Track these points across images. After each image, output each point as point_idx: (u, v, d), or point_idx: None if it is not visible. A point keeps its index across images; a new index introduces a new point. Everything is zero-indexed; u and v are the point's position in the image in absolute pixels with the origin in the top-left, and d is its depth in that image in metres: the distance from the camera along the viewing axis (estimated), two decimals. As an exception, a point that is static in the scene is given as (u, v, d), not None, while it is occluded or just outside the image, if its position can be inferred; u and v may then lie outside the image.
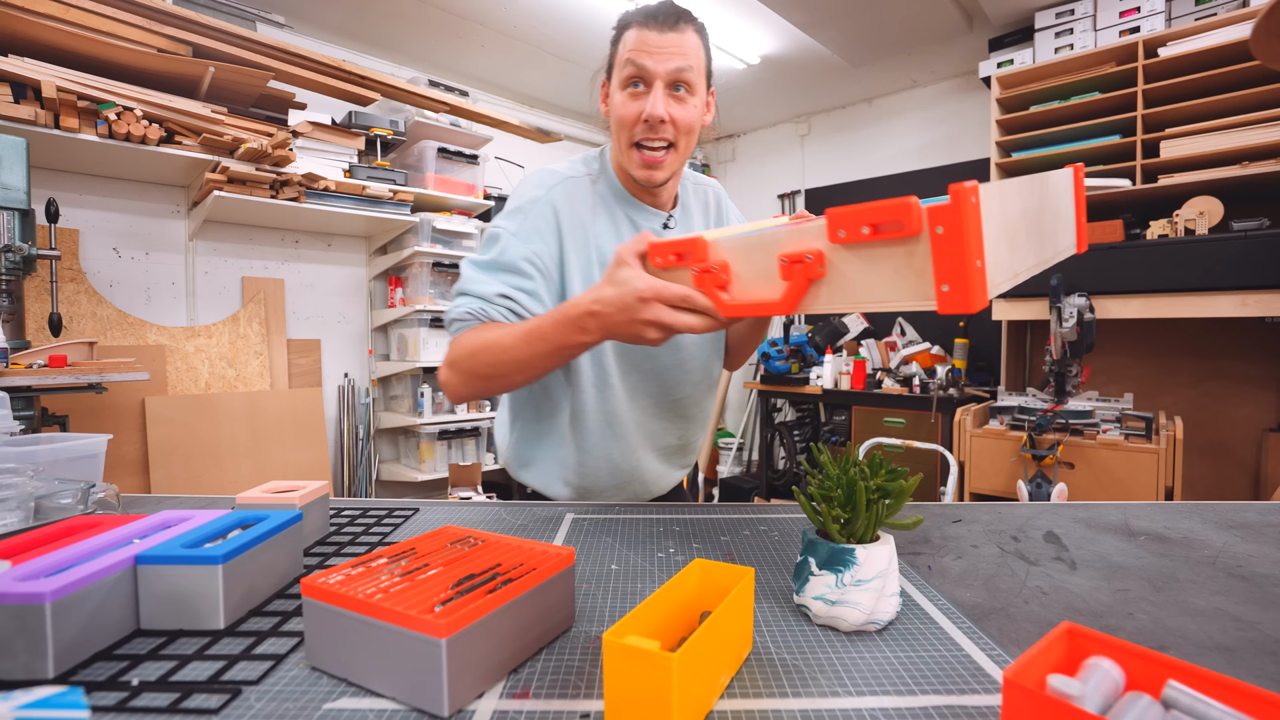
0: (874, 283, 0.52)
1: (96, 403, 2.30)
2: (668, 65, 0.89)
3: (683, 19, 0.91)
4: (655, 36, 0.89)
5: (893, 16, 3.05)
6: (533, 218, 0.93)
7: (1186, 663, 0.36)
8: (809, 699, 0.44)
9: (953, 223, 0.46)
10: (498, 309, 0.87)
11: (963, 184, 0.46)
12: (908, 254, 0.50)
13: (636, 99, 0.90)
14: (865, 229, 0.51)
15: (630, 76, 0.90)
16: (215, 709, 0.42)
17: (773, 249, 0.58)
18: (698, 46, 0.92)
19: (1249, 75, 2.42)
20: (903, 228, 0.48)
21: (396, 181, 2.88)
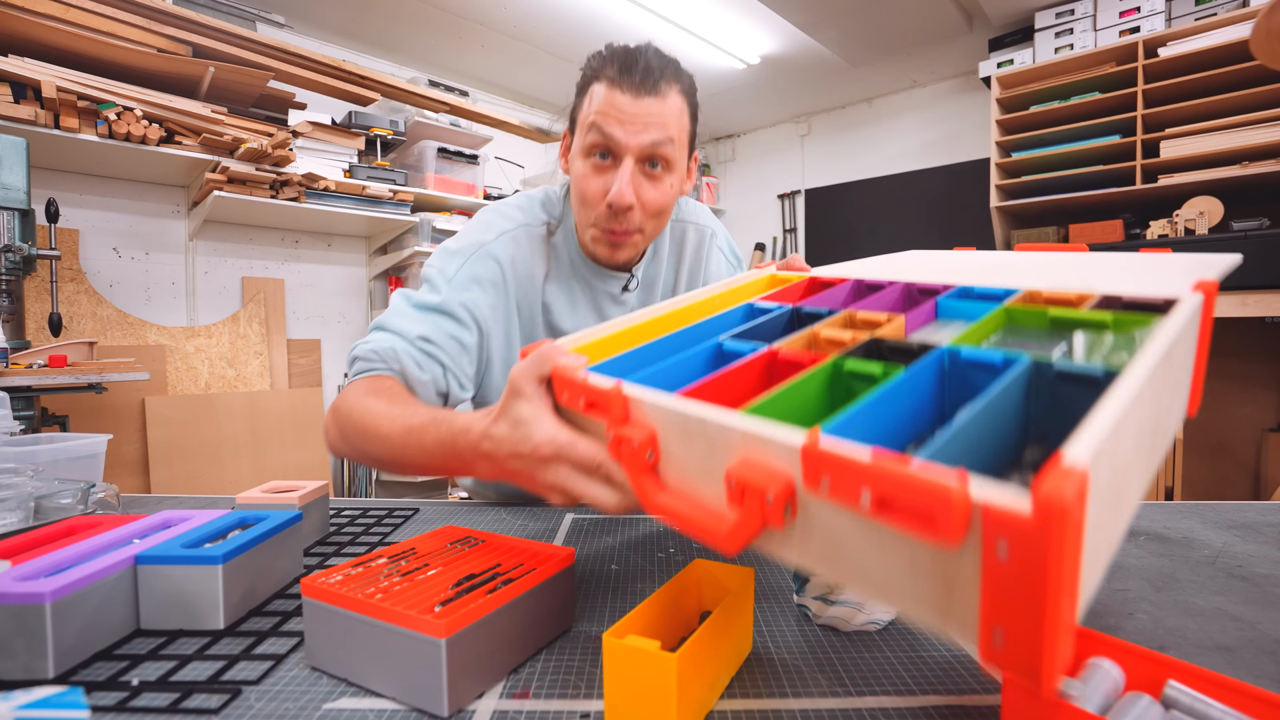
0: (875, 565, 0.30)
1: (96, 403, 2.30)
2: (641, 139, 0.75)
3: (665, 78, 0.76)
4: (629, 102, 0.74)
5: (893, 16, 3.05)
6: (474, 267, 0.82)
7: (1186, 663, 0.36)
8: (809, 699, 0.44)
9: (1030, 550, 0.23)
10: (411, 353, 0.76)
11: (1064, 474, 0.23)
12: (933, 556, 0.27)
13: (601, 173, 0.77)
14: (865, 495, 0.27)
15: (595, 145, 0.76)
16: (215, 709, 0.42)
17: (718, 447, 0.35)
18: (680, 112, 0.78)
19: (1249, 75, 2.42)
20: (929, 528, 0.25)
21: (396, 181, 2.88)
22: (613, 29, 3.08)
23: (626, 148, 0.75)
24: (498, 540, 0.58)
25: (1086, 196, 2.81)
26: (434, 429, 0.58)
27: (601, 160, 0.77)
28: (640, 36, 0.84)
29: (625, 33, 3.11)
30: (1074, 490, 0.23)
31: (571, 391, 0.45)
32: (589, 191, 0.78)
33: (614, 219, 0.78)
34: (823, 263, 1.72)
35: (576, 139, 0.80)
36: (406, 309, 0.79)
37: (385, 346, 0.75)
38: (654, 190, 0.78)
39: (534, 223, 0.88)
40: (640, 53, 0.76)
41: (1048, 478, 0.23)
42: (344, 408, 0.70)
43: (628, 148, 0.75)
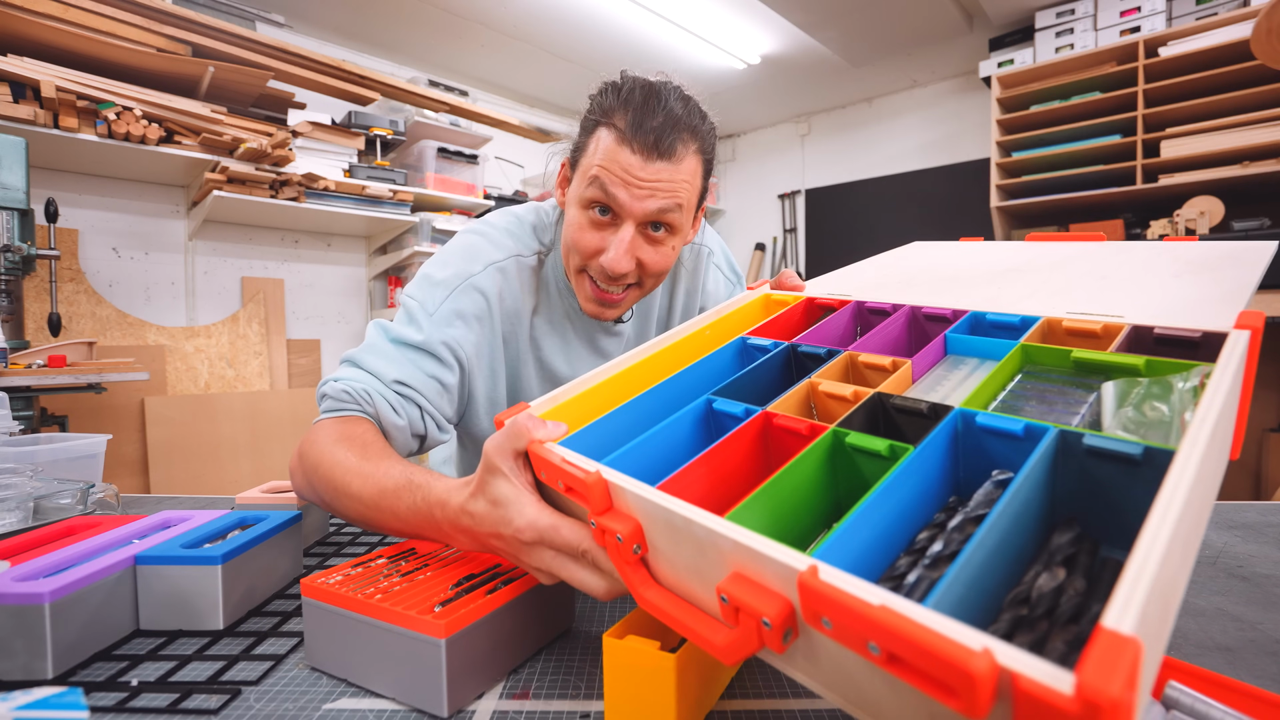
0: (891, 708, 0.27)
1: (96, 403, 2.30)
2: (646, 205, 0.68)
3: (682, 137, 0.68)
4: (638, 165, 0.67)
5: (893, 16, 3.05)
6: (460, 300, 0.75)
7: (1186, 663, 0.36)
8: (809, 699, 0.44)
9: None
10: (387, 396, 0.69)
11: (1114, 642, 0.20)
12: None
13: (598, 229, 0.71)
14: (873, 648, 0.24)
15: (594, 200, 0.70)
16: (215, 709, 0.42)
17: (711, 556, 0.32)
18: (694, 174, 0.71)
19: (1249, 75, 2.42)
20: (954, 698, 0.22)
21: (396, 181, 2.88)
22: (613, 29, 3.08)
23: (630, 213, 0.69)
24: (498, 540, 0.58)
25: (1087, 196, 2.81)
26: (409, 494, 0.53)
27: (600, 215, 0.71)
28: (640, 36, 0.79)
29: (625, 33, 3.11)
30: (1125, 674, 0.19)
31: (549, 472, 0.41)
32: (583, 244, 0.72)
33: (608, 280, 0.73)
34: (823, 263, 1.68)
35: (576, 183, 0.73)
36: (385, 346, 0.72)
37: (359, 389, 0.68)
38: (653, 253, 0.72)
39: (525, 253, 0.81)
40: (658, 101, 0.68)
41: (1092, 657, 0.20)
42: (312, 455, 0.63)
43: (630, 213, 0.69)
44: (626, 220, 0.70)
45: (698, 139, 0.71)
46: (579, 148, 0.74)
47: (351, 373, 0.71)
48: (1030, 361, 0.43)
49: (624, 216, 0.70)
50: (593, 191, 0.69)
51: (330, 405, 0.69)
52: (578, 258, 0.74)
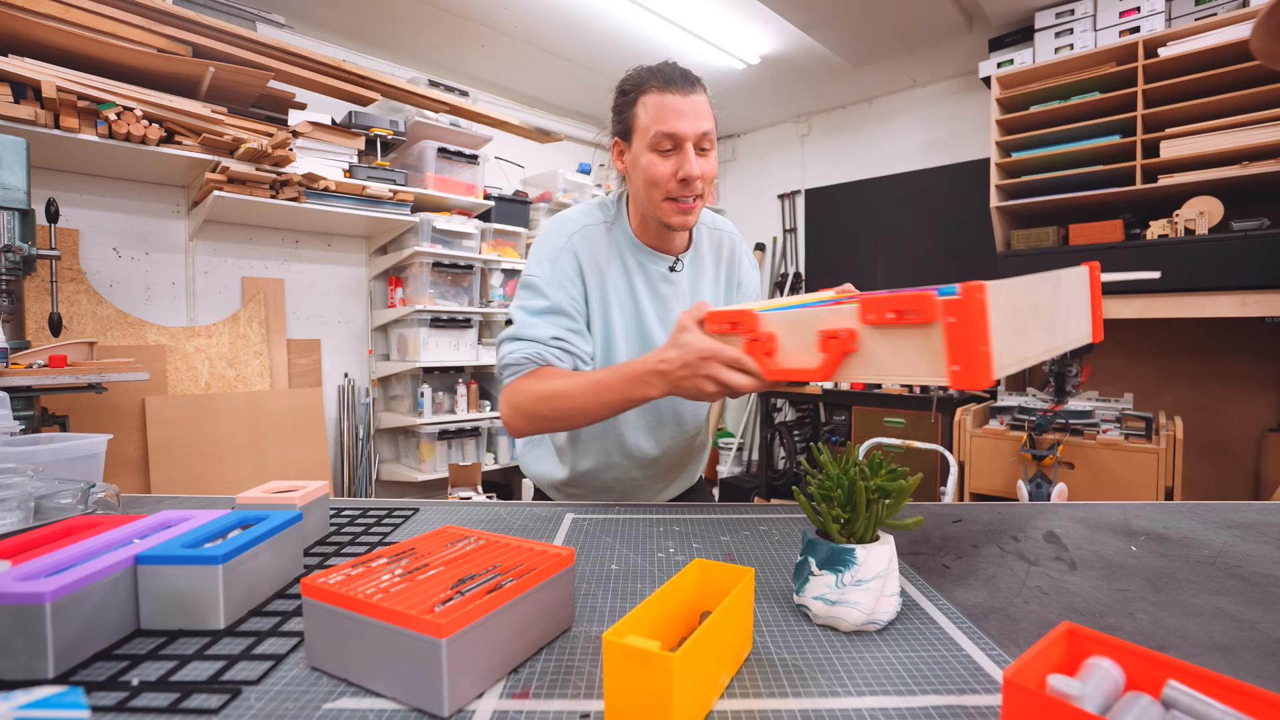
0: (896, 359, 0.62)
1: (96, 403, 2.30)
2: (696, 127, 0.95)
3: (697, 82, 0.98)
4: (680, 100, 0.95)
5: (893, 16, 3.05)
6: (561, 265, 1.02)
7: (1186, 663, 0.36)
8: (809, 699, 0.44)
9: (962, 314, 0.55)
10: (552, 351, 0.96)
11: (972, 284, 0.55)
12: (925, 336, 0.59)
13: (668, 159, 0.96)
14: (890, 314, 0.60)
15: (662, 141, 0.96)
16: (215, 709, 0.42)
17: (812, 325, 0.68)
18: (708, 105, 0.99)
19: (1249, 75, 2.42)
20: (920, 315, 0.58)
21: (396, 181, 2.88)
22: (613, 29, 3.08)
23: (687, 136, 0.95)
24: (498, 540, 0.58)
25: (1086, 196, 2.81)
26: (615, 373, 0.85)
27: (666, 152, 0.96)
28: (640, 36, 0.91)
29: (625, 33, 3.10)
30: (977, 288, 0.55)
31: (719, 321, 0.77)
32: (660, 174, 0.96)
33: (684, 189, 0.96)
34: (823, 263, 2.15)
35: (638, 140, 0.98)
36: (529, 319, 0.98)
37: (532, 351, 0.95)
38: (707, 164, 0.98)
39: (595, 223, 1.07)
40: (668, 65, 0.98)
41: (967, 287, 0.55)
42: (526, 394, 0.92)
43: (687, 136, 0.95)
44: (686, 143, 0.95)
45: (703, 85, 0.99)
46: (627, 122, 1.00)
47: (519, 344, 0.96)
48: None
49: (683, 141, 0.95)
50: (659, 135, 0.95)
51: (514, 370, 0.96)
52: (658, 189, 0.97)
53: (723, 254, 1.17)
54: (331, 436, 3.12)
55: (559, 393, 0.89)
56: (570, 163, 4.14)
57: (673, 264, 1.09)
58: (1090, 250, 2.68)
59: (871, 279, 4.12)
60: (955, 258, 3.75)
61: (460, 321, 3.07)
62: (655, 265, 1.08)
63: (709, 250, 1.15)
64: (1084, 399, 2.75)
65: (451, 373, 3.20)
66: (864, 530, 0.55)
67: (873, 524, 0.55)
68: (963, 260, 3.71)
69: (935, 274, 3.83)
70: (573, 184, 3.61)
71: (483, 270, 3.21)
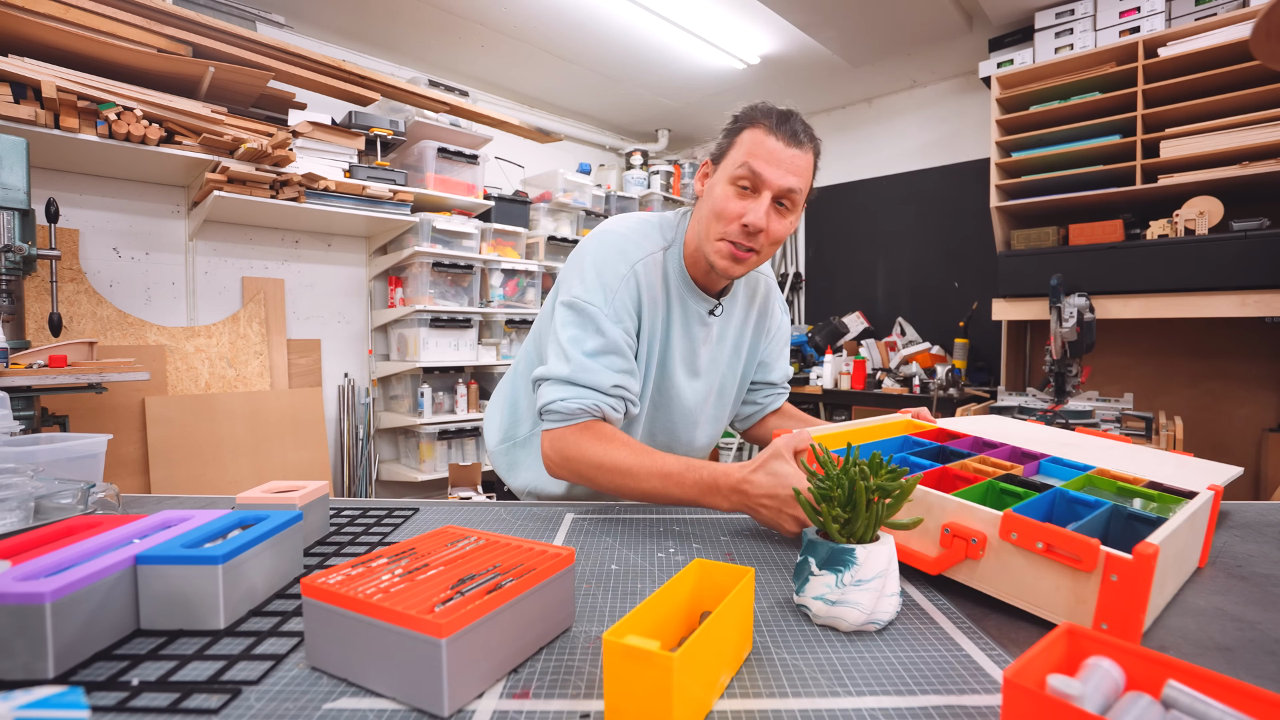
0: (1029, 588, 0.56)
1: (96, 403, 2.30)
2: (783, 182, 0.90)
3: (808, 139, 0.93)
4: (780, 149, 0.89)
5: (893, 16, 3.05)
6: (621, 297, 0.95)
7: (1186, 663, 0.36)
8: (809, 699, 0.44)
9: (1126, 576, 0.50)
10: (610, 402, 0.91)
11: (1146, 549, 0.49)
12: (1073, 579, 0.53)
13: (742, 199, 0.91)
14: (1039, 544, 0.54)
15: (743, 178, 0.91)
16: (215, 709, 0.42)
17: (939, 513, 0.62)
18: (809, 168, 0.94)
19: (1249, 75, 2.42)
20: (1078, 563, 0.52)
21: (396, 181, 2.88)
22: (613, 29, 3.08)
23: (770, 185, 0.90)
24: (498, 540, 0.58)
25: (1086, 196, 2.81)
26: (692, 474, 0.81)
27: (744, 190, 0.91)
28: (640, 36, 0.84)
29: (625, 33, 3.10)
30: (1152, 555, 0.49)
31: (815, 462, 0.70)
32: (728, 211, 0.91)
33: (745, 237, 0.91)
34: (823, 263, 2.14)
35: (723, 169, 0.93)
36: (587, 362, 0.91)
37: (590, 404, 0.89)
38: (779, 224, 0.93)
39: (655, 249, 1.00)
40: (793, 114, 0.93)
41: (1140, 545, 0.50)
42: (582, 448, 0.88)
43: (770, 185, 0.90)
44: (765, 191, 0.90)
45: (815, 146, 0.95)
46: (723, 148, 0.95)
47: (573, 392, 0.90)
48: (1092, 483, 0.75)
49: (764, 188, 0.90)
50: (743, 172, 0.90)
51: (564, 419, 0.90)
52: (720, 224, 0.92)
53: (756, 298, 1.12)
54: (331, 436, 3.12)
55: (621, 468, 0.84)
56: (570, 163, 4.14)
57: (714, 308, 1.04)
58: (1090, 250, 2.68)
59: (872, 279, 4.12)
60: (955, 258, 3.75)
61: (460, 321, 3.07)
62: (697, 305, 1.02)
63: (744, 294, 1.11)
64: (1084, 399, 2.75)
65: (451, 373, 3.20)
66: (864, 530, 0.55)
67: (873, 524, 0.55)
68: (963, 260, 3.71)
69: (936, 273, 3.84)
70: (573, 184, 3.61)
71: (483, 270, 3.21)
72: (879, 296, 4.10)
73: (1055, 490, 0.67)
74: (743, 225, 0.90)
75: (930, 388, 3.16)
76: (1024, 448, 0.87)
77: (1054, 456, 0.82)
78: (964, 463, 0.78)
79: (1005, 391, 3.06)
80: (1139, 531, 0.61)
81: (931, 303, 3.86)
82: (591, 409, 0.89)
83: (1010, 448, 0.87)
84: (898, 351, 3.59)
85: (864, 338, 3.89)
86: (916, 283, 3.94)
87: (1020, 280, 2.86)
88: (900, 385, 3.39)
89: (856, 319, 4.01)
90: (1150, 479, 0.74)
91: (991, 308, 2.98)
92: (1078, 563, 0.51)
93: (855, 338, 3.93)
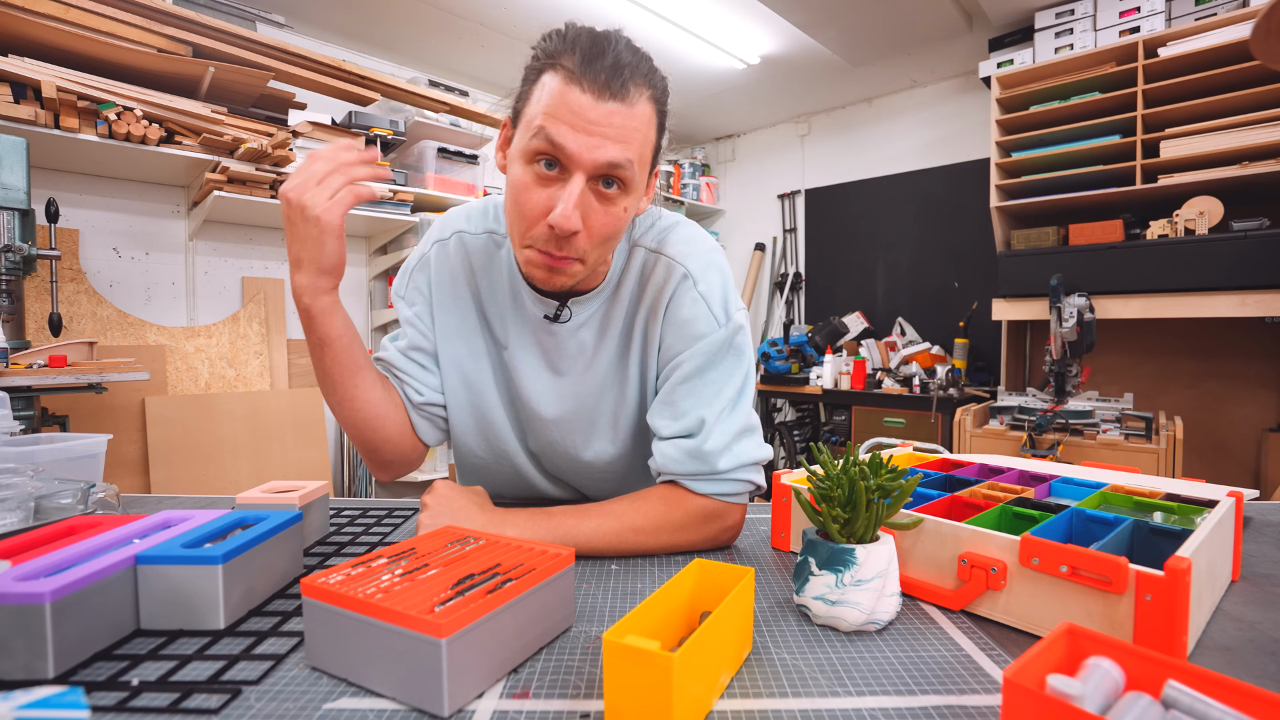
0: (1060, 615, 0.52)
1: (96, 403, 2.30)
2: (597, 155, 0.63)
3: (635, 79, 0.64)
4: (589, 105, 0.62)
5: (893, 16, 3.05)
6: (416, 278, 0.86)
7: (1187, 663, 0.36)
8: (809, 699, 0.44)
9: (1160, 594, 0.46)
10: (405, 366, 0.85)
11: (1179, 562, 0.46)
12: (1104, 603, 0.50)
13: (545, 185, 0.65)
14: (1064, 568, 0.51)
15: (540, 151, 0.64)
16: (215, 709, 0.42)
17: (953, 542, 0.58)
18: (648, 123, 0.66)
19: (1249, 75, 2.42)
20: (1108, 585, 0.49)
21: (396, 181, 2.88)
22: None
23: (579, 163, 0.63)
24: (498, 540, 0.58)
25: (1086, 196, 2.81)
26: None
27: (546, 170, 0.64)
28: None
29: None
30: (1185, 570, 0.46)
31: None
32: (527, 205, 0.66)
33: (554, 242, 0.66)
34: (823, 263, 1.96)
35: (519, 136, 0.66)
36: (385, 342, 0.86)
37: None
38: (604, 215, 0.66)
39: (479, 231, 0.83)
40: (609, 43, 0.64)
41: (1171, 560, 0.46)
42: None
43: (580, 163, 0.63)
44: (576, 172, 0.63)
45: (652, 85, 0.66)
46: (521, 98, 0.68)
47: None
48: (1107, 500, 0.73)
49: (573, 168, 0.63)
50: (539, 142, 0.63)
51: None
52: (522, 222, 0.67)
53: (647, 292, 0.78)
54: (331, 436, 3.12)
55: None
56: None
57: (555, 312, 0.78)
58: (1090, 250, 2.68)
59: (872, 278, 4.12)
60: (955, 258, 3.75)
61: (460, 321, 3.07)
62: (535, 309, 0.79)
63: (633, 287, 0.79)
64: (1084, 399, 2.75)
65: (451, 373, 3.19)
66: (864, 530, 0.55)
67: (873, 524, 0.55)
68: (963, 260, 3.71)
69: (935, 273, 3.83)
70: (573, 184, 3.61)
71: (483, 270, 3.21)
72: (879, 296, 4.10)
73: (1071, 510, 0.65)
74: (549, 226, 0.64)
75: (930, 388, 3.16)
76: (1035, 471, 0.85)
77: (1064, 477, 0.80)
78: (973, 489, 0.76)
79: (1005, 391, 3.06)
80: (1164, 546, 0.59)
81: (931, 303, 3.86)
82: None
83: (1018, 471, 0.85)
84: (898, 351, 3.59)
85: (864, 338, 3.89)
86: (916, 283, 3.94)
87: (1020, 280, 2.86)
88: (900, 385, 3.39)
89: (856, 319, 4.01)
90: (1168, 490, 0.72)
91: (991, 308, 2.98)
92: (1107, 585, 0.48)
93: (855, 338, 3.93)
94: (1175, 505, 0.68)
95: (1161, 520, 0.67)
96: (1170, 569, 0.46)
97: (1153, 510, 0.69)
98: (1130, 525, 0.62)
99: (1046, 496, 0.77)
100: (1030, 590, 0.53)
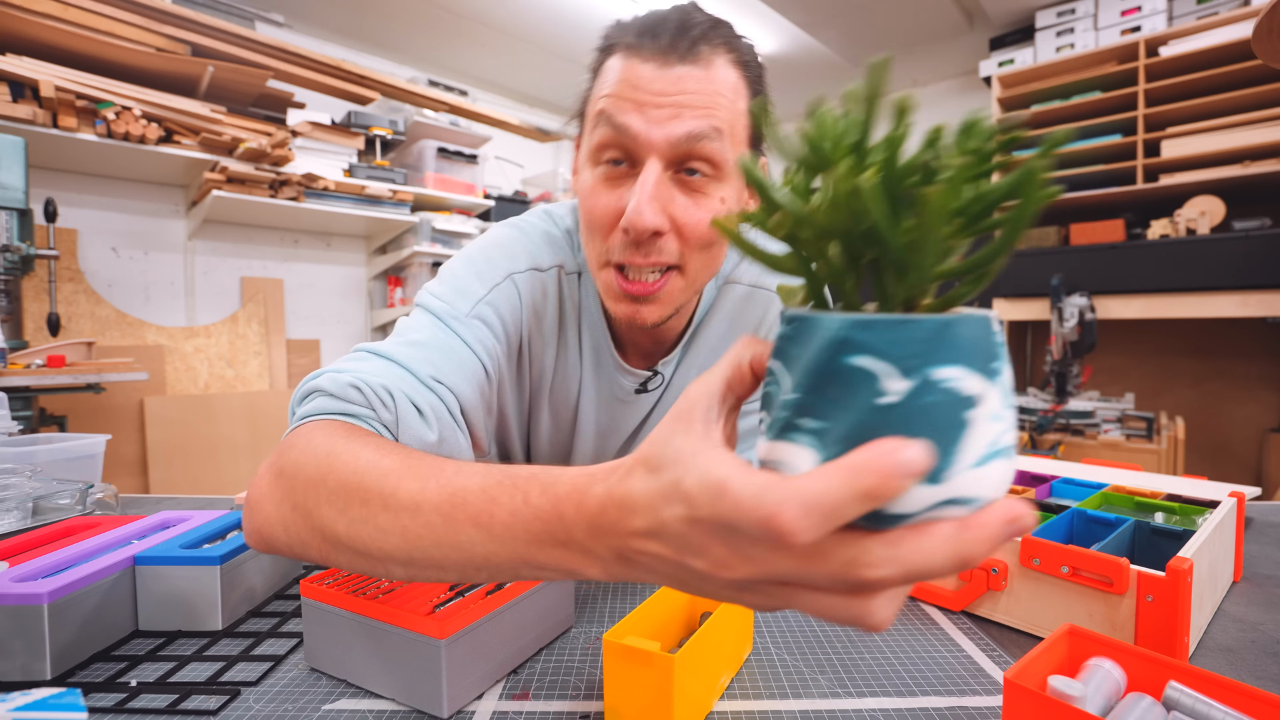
0: (1061, 616, 0.52)
1: (95, 403, 2.30)
2: (671, 129, 0.49)
3: (708, 40, 0.51)
4: (654, 74, 0.49)
5: (893, 16, 3.05)
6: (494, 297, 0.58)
7: (1187, 664, 0.36)
8: (809, 699, 0.44)
9: (1161, 595, 0.47)
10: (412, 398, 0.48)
11: (1180, 563, 0.46)
12: (1105, 604, 0.50)
13: (614, 184, 0.52)
14: (1064, 569, 0.51)
15: (604, 144, 0.52)
16: (214, 710, 0.42)
17: None
18: (735, 90, 0.52)
19: (1250, 74, 2.42)
20: (1110, 586, 0.49)
21: (396, 181, 2.88)
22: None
23: (649, 145, 0.50)
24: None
25: (1087, 196, 2.81)
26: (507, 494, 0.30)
27: (614, 167, 0.52)
28: None
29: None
30: (1187, 570, 0.46)
31: None
32: (597, 210, 0.53)
33: (633, 249, 0.52)
34: None
35: (585, 140, 0.56)
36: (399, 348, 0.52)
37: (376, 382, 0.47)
38: (691, 206, 0.51)
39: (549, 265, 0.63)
40: (675, 9, 0.52)
41: (1173, 560, 0.46)
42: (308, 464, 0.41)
43: (651, 144, 0.50)
44: (649, 158, 0.50)
45: (734, 48, 0.52)
46: (584, 100, 0.57)
47: (368, 365, 0.48)
48: (1108, 501, 0.72)
49: (643, 154, 0.50)
50: (601, 132, 0.51)
51: (321, 406, 0.46)
52: (596, 239, 0.54)
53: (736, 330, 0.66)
54: (331, 436, 3.11)
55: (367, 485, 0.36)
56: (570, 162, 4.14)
57: (642, 383, 0.64)
58: (1091, 250, 2.68)
59: (871, 278, 4.11)
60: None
61: (460, 321, 3.07)
62: (623, 377, 0.64)
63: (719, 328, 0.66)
64: (1085, 399, 2.75)
65: (451, 372, 3.19)
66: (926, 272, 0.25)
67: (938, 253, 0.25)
68: (963, 260, 3.71)
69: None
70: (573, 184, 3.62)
71: (482, 270, 3.21)
72: (879, 296, 4.10)
73: (1072, 510, 0.65)
74: (622, 231, 0.51)
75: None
76: (1036, 471, 0.85)
77: (1065, 477, 0.80)
78: None
79: (1005, 391, 3.06)
80: (1165, 547, 0.59)
81: (931, 302, 3.86)
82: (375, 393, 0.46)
83: (1019, 471, 0.85)
84: (898, 351, 3.59)
85: (864, 337, 3.89)
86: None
87: (1021, 280, 2.86)
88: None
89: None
90: (1170, 490, 0.72)
91: (992, 307, 2.98)
92: (1108, 585, 0.49)
93: (855, 337, 3.93)
94: (1176, 506, 0.69)
95: (1163, 521, 0.67)
96: (1171, 570, 0.46)
97: (1154, 511, 0.70)
98: (1131, 526, 0.62)
99: (1047, 497, 0.77)
100: (1031, 591, 0.54)
